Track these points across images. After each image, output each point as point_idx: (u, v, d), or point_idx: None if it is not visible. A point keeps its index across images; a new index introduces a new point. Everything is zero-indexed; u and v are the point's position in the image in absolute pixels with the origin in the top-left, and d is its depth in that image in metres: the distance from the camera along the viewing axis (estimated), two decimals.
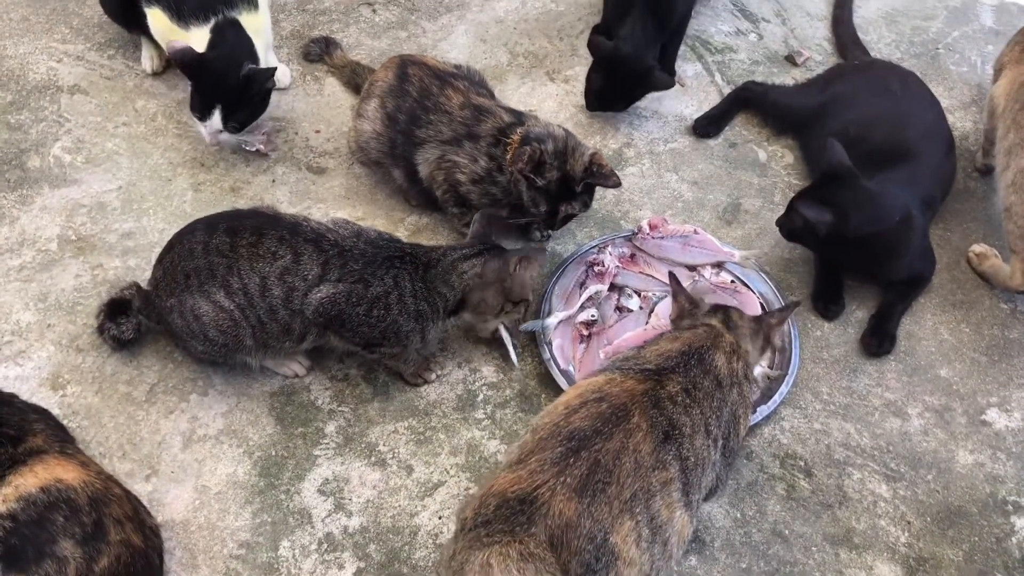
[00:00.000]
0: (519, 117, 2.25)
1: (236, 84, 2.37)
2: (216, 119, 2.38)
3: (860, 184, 2.16)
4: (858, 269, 2.33)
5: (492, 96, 2.36)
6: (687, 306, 1.88)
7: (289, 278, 1.91)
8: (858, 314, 2.33)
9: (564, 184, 2.14)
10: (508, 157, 2.17)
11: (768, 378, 2.14)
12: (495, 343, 2.20)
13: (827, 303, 2.32)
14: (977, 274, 2.41)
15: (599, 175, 2.16)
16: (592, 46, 2.61)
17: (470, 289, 2.01)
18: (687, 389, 1.64)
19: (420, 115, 2.28)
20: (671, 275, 1.96)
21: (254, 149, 2.59)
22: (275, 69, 2.45)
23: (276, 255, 1.91)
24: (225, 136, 2.45)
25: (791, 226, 2.25)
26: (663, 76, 2.58)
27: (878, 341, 2.24)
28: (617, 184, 2.17)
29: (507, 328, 2.16)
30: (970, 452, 2.09)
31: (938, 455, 2.08)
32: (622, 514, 1.47)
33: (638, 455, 1.52)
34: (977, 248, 2.42)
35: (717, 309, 1.87)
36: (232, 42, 2.43)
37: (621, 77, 2.59)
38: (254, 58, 2.45)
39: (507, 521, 1.45)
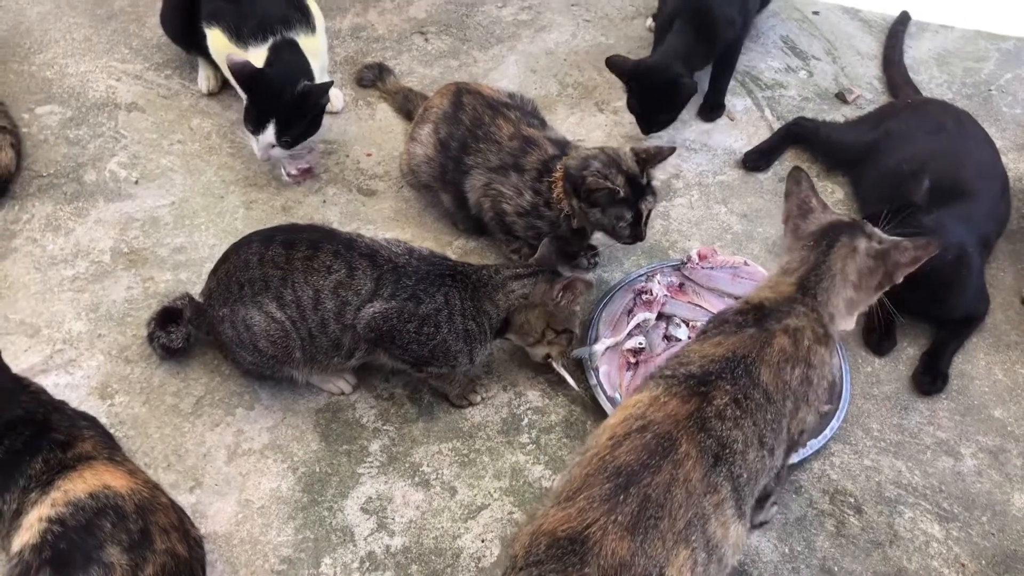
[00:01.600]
0: (563, 148, 2.25)
1: (291, 100, 2.40)
2: (270, 133, 2.41)
3: (917, 218, 2.14)
4: (912, 306, 2.28)
5: (544, 124, 2.37)
6: (795, 210, 1.81)
7: (343, 292, 1.92)
8: (909, 351, 2.29)
9: (633, 184, 2.14)
10: (555, 194, 2.19)
11: (818, 412, 2.12)
12: (541, 368, 2.19)
13: (879, 339, 2.28)
14: None
15: (655, 156, 2.17)
16: (610, 65, 2.63)
17: (515, 309, 2.01)
18: (736, 400, 1.55)
19: (470, 143, 2.30)
20: (791, 173, 1.87)
21: (290, 177, 2.61)
22: (330, 83, 2.47)
23: (331, 269, 1.92)
24: (277, 152, 2.47)
25: None
26: (688, 82, 2.57)
27: (930, 379, 2.21)
28: (672, 150, 2.20)
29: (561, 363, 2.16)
30: None
31: (993, 497, 2.03)
32: (676, 545, 1.43)
33: (688, 484, 1.46)
34: None
35: (818, 238, 1.73)
36: (289, 59, 2.47)
37: (648, 90, 2.60)
38: (310, 76, 2.48)
39: (559, 561, 1.41)
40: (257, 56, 2.49)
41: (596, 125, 2.85)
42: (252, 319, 1.94)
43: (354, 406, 2.14)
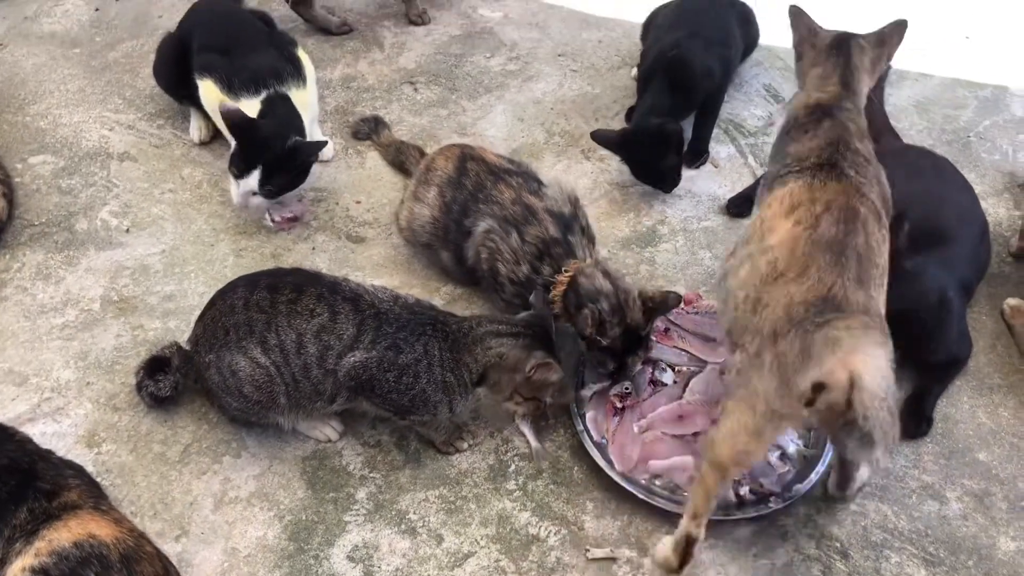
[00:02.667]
0: (564, 232, 2.23)
1: (280, 153, 2.44)
2: (253, 179, 2.44)
3: (898, 264, 2.17)
4: (895, 350, 2.30)
5: (540, 184, 2.35)
6: (806, 34, 2.14)
7: (325, 336, 1.94)
8: None
9: (628, 337, 2.12)
10: (552, 293, 2.17)
11: (804, 456, 2.13)
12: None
13: None
14: (1007, 326, 2.44)
15: (661, 305, 2.14)
16: (596, 140, 2.70)
17: (491, 365, 2.01)
18: (857, 167, 1.91)
19: (471, 206, 2.32)
20: (791, 10, 2.18)
21: (275, 224, 2.64)
22: (324, 143, 2.51)
23: (314, 312, 1.94)
24: (257, 200, 2.50)
25: None
26: (671, 126, 2.61)
27: (915, 423, 2.22)
28: (678, 300, 2.17)
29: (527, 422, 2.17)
30: (1012, 539, 2.04)
31: (978, 541, 2.04)
32: (880, 286, 1.81)
33: (874, 238, 1.82)
34: (1012, 301, 2.45)
35: (834, 47, 2.10)
36: (281, 114, 2.52)
37: (641, 152, 2.66)
38: (301, 132, 2.52)
39: (821, 314, 1.64)
40: (249, 108, 2.54)
41: (583, 172, 2.89)
42: (237, 364, 1.95)
43: (341, 453, 2.14)
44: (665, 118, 2.63)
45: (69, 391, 2.24)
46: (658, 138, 2.61)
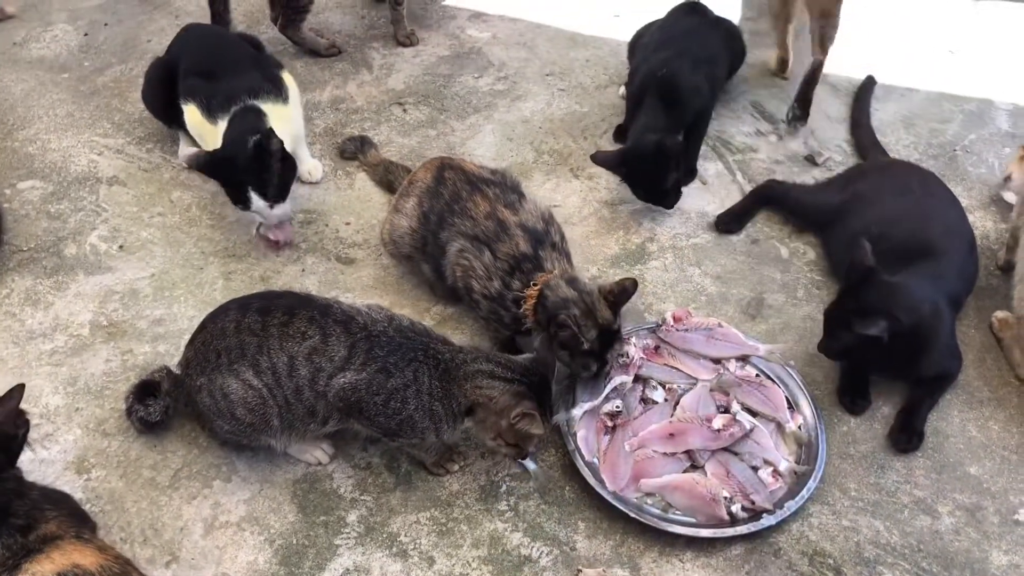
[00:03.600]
0: (535, 247, 2.23)
1: (250, 161, 2.43)
2: (256, 200, 2.46)
3: (884, 280, 2.18)
4: (885, 366, 2.31)
5: (521, 197, 2.36)
6: None
7: (316, 358, 1.93)
8: (884, 410, 2.31)
9: (602, 336, 2.12)
10: (523, 308, 2.18)
11: (795, 473, 2.13)
12: None
13: (853, 398, 2.30)
14: (996, 339, 2.45)
15: (621, 295, 2.13)
16: (597, 162, 2.70)
17: (479, 404, 1.97)
18: None
19: (447, 217, 2.32)
20: None
21: (261, 240, 2.65)
22: (275, 137, 2.45)
23: (305, 335, 1.94)
24: (278, 211, 2.52)
25: (842, 345, 2.22)
26: (670, 141, 2.61)
27: (906, 437, 2.22)
28: (635, 284, 2.15)
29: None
30: (1004, 552, 2.04)
31: (971, 555, 2.03)
32: None
33: None
34: (1000, 314, 2.46)
35: None
36: (239, 125, 2.52)
37: (641, 170, 2.66)
38: (260, 131, 2.46)
39: None
40: (224, 130, 2.54)
41: (572, 191, 2.90)
42: (229, 387, 1.95)
43: (331, 476, 2.13)
44: (660, 135, 2.63)
45: (58, 417, 2.23)
46: (658, 154, 2.60)
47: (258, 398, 1.95)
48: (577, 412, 2.20)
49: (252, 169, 2.44)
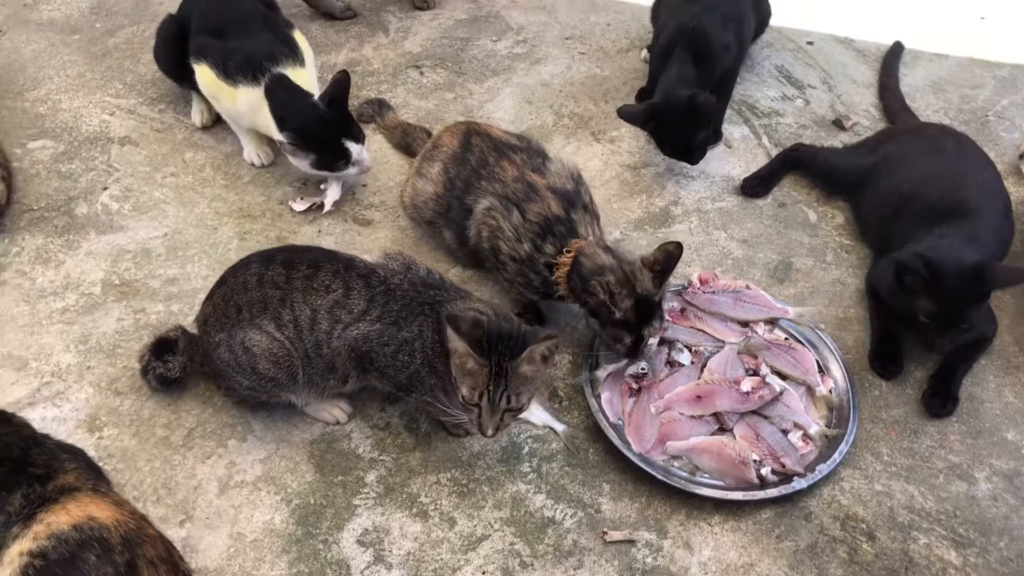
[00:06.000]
0: (567, 210, 2.15)
1: (327, 114, 2.47)
2: (354, 147, 2.49)
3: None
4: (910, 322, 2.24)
5: (547, 159, 2.29)
6: None
7: (337, 311, 1.88)
8: (917, 374, 2.24)
9: (640, 307, 2.02)
10: (555, 275, 2.11)
11: (826, 436, 2.07)
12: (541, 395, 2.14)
13: (885, 362, 2.24)
14: None
15: (668, 263, 2.03)
16: (622, 115, 2.62)
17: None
18: None
19: (473, 182, 2.26)
20: None
21: (301, 208, 2.61)
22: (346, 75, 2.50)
23: (329, 288, 1.88)
24: (366, 155, 2.54)
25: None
26: (703, 96, 2.51)
27: (940, 402, 2.16)
28: (679, 249, 2.04)
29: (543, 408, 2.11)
30: None
31: (1010, 522, 1.97)
32: None
33: None
34: None
35: None
36: (290, 87, 2.50)
37: (670, 124, 2.58)
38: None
39: None
40: (248, 95, 2.49)
41: (593, 154, 2.83)
42: (251, 340, 1.89)
43: (349, 436, 2.08)
44: (693, 89, 2.54)
45: (70, 375, 2.18)
46: (691, 110, 2.51)
47: (283, 350, 1.89)
48: (601, 374, 2.14)
49: (342, 122, 2.48)
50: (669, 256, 2.03)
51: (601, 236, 2.18)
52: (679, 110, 2.52)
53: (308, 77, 2.63)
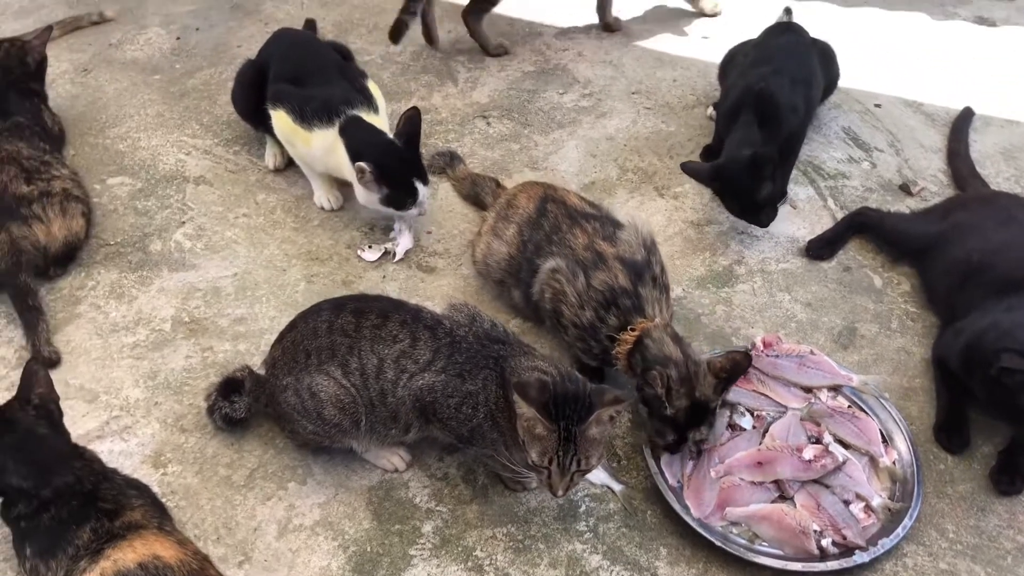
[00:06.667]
0: (634, 283, 2.14)
1: (400, 151, 2.55)
2: (422, 188, 2.55)
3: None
4: (987, 405, 2.19)
5: (617, 228, 2.27)
6: None
7: (403, 361, 1.90)
8: (984, 449, 2.19)
9: (694, 411, 1.99)
10: (615, 349, 2.10)
11: (889, 509, 2.03)
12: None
13: (951, 435, 2.19)
14: None
15: (733, 372, 2.01)
16: (687, 172, 2.64)
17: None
18: None
19: (544, 246, 2.28)
20: None
21: (374, 258, 2.65)
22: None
23: (396, 338, 1.91)
24: (428, 199, 2.62)
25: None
26: (763, 151, 2.51)
27: (1008, 479, 2.10)
28: (748, 360, 2.04)
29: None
30: None
31: None
32: None
33: None
34: None
35: None
36: (364, 127, 2.58)
37: (734, 183, 2.58)
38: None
39: None
40: (323, 138, 2.55)
41: (656, 209, 2.84)
42: (318, 386, 1.92)
43: (407, 485, 2.09)
44: (752, 148, 2.55)
45: (137, 410, 2.23)
46: (752, 167, 2.52)
47: (348, 396, 1.92)
48: None
49: (413, 162, 2.55)
50: (736, 366, 2.02)
51: (670, 316, 2.17)
52: (741, 169, 2.53)
53: (382, 123, 2.69)
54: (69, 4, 3.83)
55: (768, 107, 2.62)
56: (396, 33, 3.27)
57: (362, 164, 2.47)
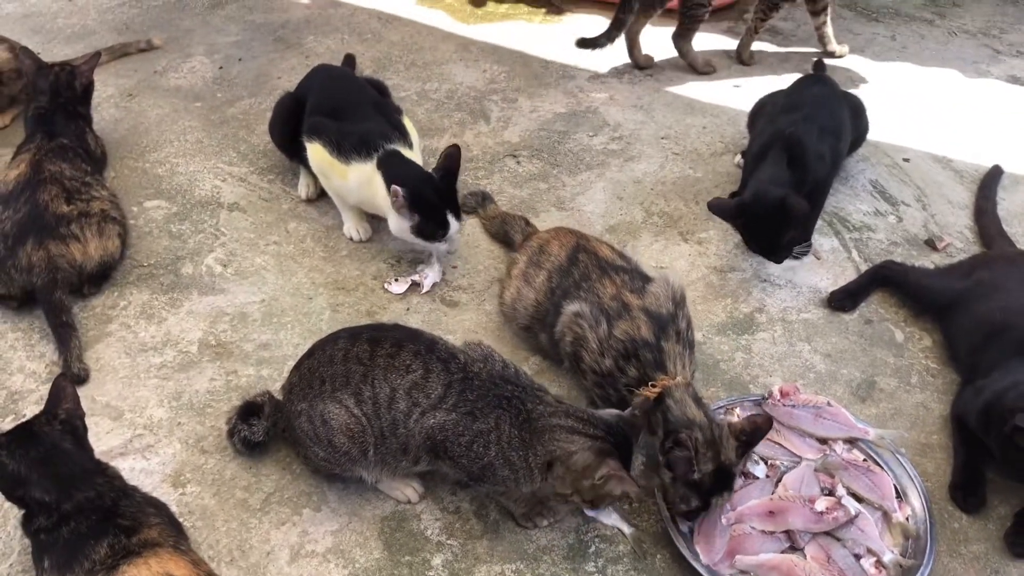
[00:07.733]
0: (658, 336, 2.15)
1: (439, 184, 2.61)
2: (454, 223, 2.60)
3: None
4: (1005, 467, 2.18)
5: (645, 282, 2.30)
6: None
7: (415, 393, 1.93)
8: (1000, 510, 2.18)
9: (718, 476, 1.97)
10: (635, 399, 2.08)
11: (900, 566, 2.01)
12: None
13: (967, 494, 2.18)
14: None
15: (754, 436, 2.02)
16: (713, 209, 2.65)
17: (557, 459, 1.90)
18: None
19: (572, 291, 2.31)
20: None
21: (401, 290, 2.68)
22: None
23: (409, 368, 1.94)
24: (459, 235, 2.68)
25: None
26: (795, 199, 2.51)
27: None
28: (768, 423, 2.05)
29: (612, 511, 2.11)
30: None
31: None
32: None
33: None
34: None
35: None
36: (401, 160, 2.64)
37: (760, 221, 2.59)
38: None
39: None
40: (358, 171, 2.61)
41: (680, 254, 2.86)
42: (330, 413, 1.96)
43: (419, 516, 2.11)
44: (786, 190, 2.56)
45: (160, 430, 2.28)
46: (780, 210, 2.52)
47: (359, 426, 1.95)
48: None
49: (448, 193, 2.62)
50: (757, 429, 2.02)
51: (693, 373, 2.18)
52: (770, 208, 2.54)
53: (416, 159, 2.75)
54: (119, 31, 3.96)
55: (796, 150, 2.65)
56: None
57: (397, 188, 2.52)
